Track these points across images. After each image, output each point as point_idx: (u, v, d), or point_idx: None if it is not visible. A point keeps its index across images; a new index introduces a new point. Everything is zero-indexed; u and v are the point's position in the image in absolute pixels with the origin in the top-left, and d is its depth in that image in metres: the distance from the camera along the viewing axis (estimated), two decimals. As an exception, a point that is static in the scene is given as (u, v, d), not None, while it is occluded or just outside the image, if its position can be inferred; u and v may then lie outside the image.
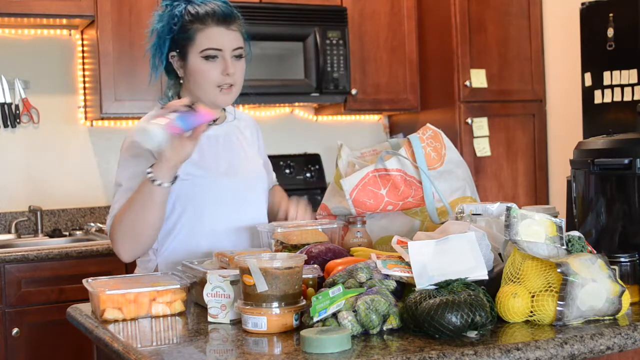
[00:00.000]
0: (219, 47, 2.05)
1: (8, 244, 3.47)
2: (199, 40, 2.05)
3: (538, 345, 1.33)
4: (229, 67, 2.05)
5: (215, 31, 2.05)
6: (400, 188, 2.02)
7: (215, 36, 2.05)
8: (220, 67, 2.06)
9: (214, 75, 2.06)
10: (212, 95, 2.08)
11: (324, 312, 1.41)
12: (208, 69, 2.05)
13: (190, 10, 2.05)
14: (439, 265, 1.50)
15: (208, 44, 2.04)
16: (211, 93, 2.08)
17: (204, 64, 2.05)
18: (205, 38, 2.04)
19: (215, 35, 2.05)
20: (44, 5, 3.46)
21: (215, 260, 1.86)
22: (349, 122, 4.50)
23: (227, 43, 2.06)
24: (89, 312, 1.75)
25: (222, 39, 2.06)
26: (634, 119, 3.38)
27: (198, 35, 2.05)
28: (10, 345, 3.14)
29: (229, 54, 2.07)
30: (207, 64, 2.05)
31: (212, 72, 2.06)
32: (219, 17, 2.05)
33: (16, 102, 3.75)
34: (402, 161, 2.03)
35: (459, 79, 4.03)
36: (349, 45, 4.00)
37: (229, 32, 2.07)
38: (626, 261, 1.63)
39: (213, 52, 2.05)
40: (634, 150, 1.70)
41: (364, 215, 2.03)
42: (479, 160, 4.08)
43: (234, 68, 2.06)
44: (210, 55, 2.05)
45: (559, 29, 4.15)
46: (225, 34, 2.06)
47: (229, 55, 2.06)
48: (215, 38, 2.05)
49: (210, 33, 2.05)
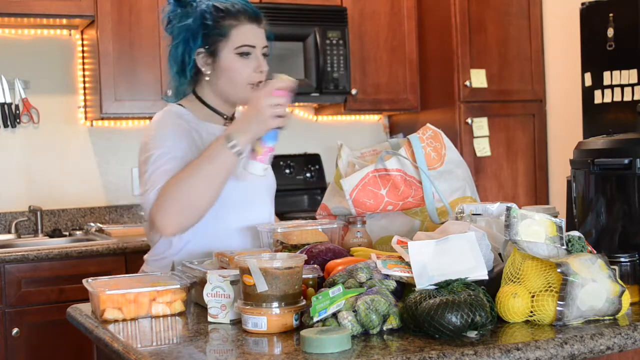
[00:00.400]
0: (253, 44, 2.06)
1: (8, 244, 3.47)
2: (234, 36, 2.04)
3: (538, 345, 1.33)
4: (262, 65, 2.07)
5: (249, 28, 2.06)
6: (400, 188, 2.02)
7: (249, 33, 2.06)
8: (254, 65, 2.06)
9: (248, 72, 2.06)
10: (243, 92, 2.07)
11: (324, 312, 1.41)
12: (242, 66, 2.05)
13: (220, 7, 2.05)
14: (439, 265, 1.50)
15: (243, 41, 2.05)
16: (243, 90, 2.07)
17: (237, 60, 2.05)
18: (241, 34, 2.05)
19: (249, 32, 2.06)
20: (44, 5, 3.46)
21: (215, 260, 1.86)
22: (349, 122, 4.50)
23: (259, 40, 2.08)
24: (89, 312, 1.75)
25: (255, 36, 2.07)
26: (634, 119, 3.38)
27: (232, 31, 2.04)
28: (10, 345, 3.14)
29: (260, 51, 2.08)
30: (241, 60, 2.05)
31: (245, 69, 2.06)
32: (250, 14, 2.06)
33: (16, 102, 3.75)
34: (402, 161, 2.03)
35: (459, 79, 4.03)
36: (349, 45, 4.00)
37: (260, 29, 2.09)
38: (626, 261, 1.63)
39: (247, 49, 2.05)
40: (634, 150, 1.70)
41: (364, 215, 2.03)
42: (479, 160, 4.08)
43: (264, 66, 2.08)
44: (245, 52, 2.05)
45: (559, 29, 4.15)
46: (257, 31, 2.08)
47: (260, 53, 2.08)
48: (249, 35, 2.06)
49: (244, 30, 2.05)
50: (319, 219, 2.17)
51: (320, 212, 2.19)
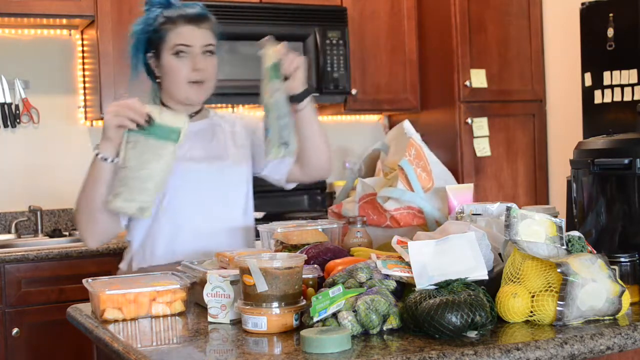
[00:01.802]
0: (188, 43, 2.13)
1: (8, 244, 3.47)
2: (170, 38, 2.14)
3: (538, 345, 1.33)
4: (197, 62, 2.13)
5: (184, 29, 2.14)
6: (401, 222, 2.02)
7: (184, 33, 2.13)
8: (191, 64, 2.13)
9: (185, 71, 2.14)
10: (183, 91, 2.16)
11: (324, 312, 1.41)
12: (178, 65, 2.14)
13: (165, 14, 2.15)
14: (439, 265, 1.50)
15: (178, 41, 2.13)
16: (182, 89, 2.15)
17: (175, 60, 2.14)
18: (175, 35, 2.13)
19: (184, 33, 2.13)
20: (44, 5, 3.46)
21: (215, 260, 1.86)
22: (349, 122, 4.50)
23: (196, 40, 2.14)
24: (89, 312, 1.75)
25: (192, 36, 2.14)
26: (634, 119, 3.38)
27: (169, 34, 2.14)
28: (10, 345, 3.14)
29: (199, 50, 2.14)
30: (178, 60, 2.14)
31: (182, 69, 2.14)
32: (189, 17, 2.15)
33: (16, 102, 3.75)
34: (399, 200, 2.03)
35: (459, 79, 4.03)
36: (349, 45, 4.00)
37: (199, 30, 2.15)
38: (626, 261, 1.63)
39: (183, 47, 2.13)
40: (634, 150, 1.70)
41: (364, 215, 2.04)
42: (479, 160, 4.08)
43: (203, 64, 2.14)
44: (180, 51, 2.13)
45: (559, 29, 4.15)
46: (195, 31, 2.14)
47: (198, 52, 2.14)
48: (185, 35, 2.13)
49: (180, 31, 2.14)
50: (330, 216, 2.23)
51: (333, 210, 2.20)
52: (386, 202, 2.03)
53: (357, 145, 4.44)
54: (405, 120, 2.27)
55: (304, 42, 3.91)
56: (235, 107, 4.12)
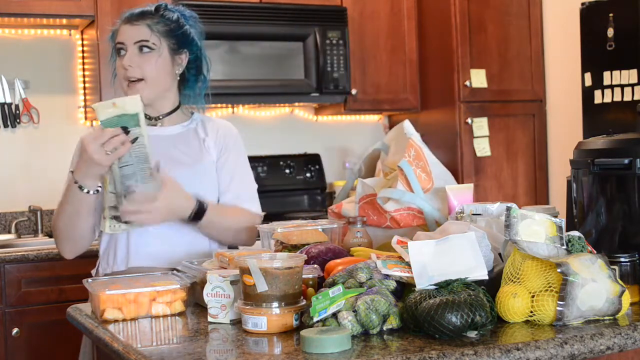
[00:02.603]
0: (121, 40, 2.17)
1: (8, 244, 3.47)
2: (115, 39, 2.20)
3: (538, 345, 1.33)
4: (124, 59, 2.14)
5: (122, 28, 2.18)
6: (401, 223, 2.02)
7: (120, 32, 2.18)
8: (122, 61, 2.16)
9: (121, 70, 2.16)
10: (123, 89, 2.18)
11: (324, 312, 1.41)
12: (118, 64, 2.18)
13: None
14: (439, 265, 1.50)
15: (116, 41, 2.19)
16: (123, 88, 2.18)
17: (118, 61, 2.18)
18: (117, 36, 2.19)
19: (121, 32, 2.18)
20: (44, 5, 3.46)
21: (215, 260, 1.86)
22: (349, 122, 4.50)
23: (128, 37, 2.16)
24: (89, 312, 1.75)
25: (125, 34, 2.16)
26: (634, 119, 3.38)
27: (115, 35, 2.20)
28: (10, 345, 3.14)
29: (131, 47, 2.15)
30: (118, 59, 2.17)
31: (120, 67, 2.17)
32: (127, 16, 2.18)
33: (16, 102, 3.75)
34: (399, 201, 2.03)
35: (459, 79, 4.03)
36: (349, 45, 4.00)
37: (132, 27, 2.16)
38: (626, 261, 1.63)
39: (119, 46, 2.16)
40: (634, 150, 1.70)
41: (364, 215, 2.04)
42: (479, 160, 4.08)
43: (131, 61, 2.13)
44: (117, 48, 2.17)
45: (559, 29, 4.15)
46: (128, 29, 2.16)
47: (131, 49, 2.15)
48: (121, 34, 2.18)
49: (119, 31, 2.18)
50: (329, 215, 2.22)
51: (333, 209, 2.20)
52: (386, 202, 2.03)
53: (357, 145, 4.44)
54: (405, 120, 2.27)
55: (304, 42, 3.91)
56: (235, 107, 4.12)
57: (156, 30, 2.15)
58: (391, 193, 2.01)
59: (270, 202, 3.88)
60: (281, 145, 4.30)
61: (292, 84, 3.90)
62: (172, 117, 2.24)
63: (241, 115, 4.20)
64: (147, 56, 2.13)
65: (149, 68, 2.13)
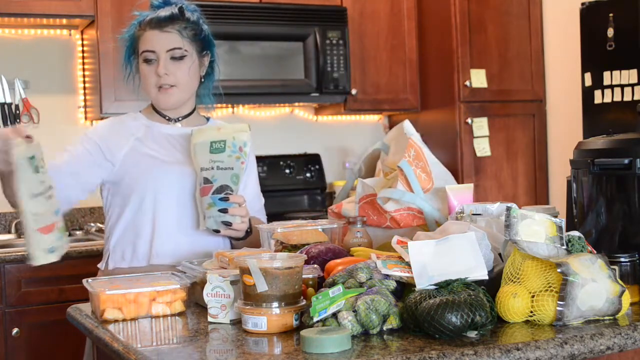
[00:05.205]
0: (152, 49, 2.15)
1: (8, 244, 3.47)
2: (139, 45, 2.18)
3: (538, 345, 1.33)
4: (160, 68, 2.13)
5: (149, 34, 2.15)
6: (401, 223, 2.02)
7: (149, 39, 2.15)
8: (156, 69, 2.15)
9: (152, 77, 2.16)
10: (153, 96, 2.20)
11: (324, 312, 1.41)
12: (147, 71, 2.17)
13: (139, 20, 2.19)
14: (439, 265, 1.50)
15: (144, 47, 2.16)
16: (152, 94, 2.19)
17: (144, 67, 2.17)
18: (142, 42, 2.17)
19: (149, 38, 2.15)
20: (44, 5, 3.46)
21: (215, 260, 1.86)
22: (349, 122, 4.50)
23: (159, 45, 2.14)
24: (89, 312, 1.75)
25: (155, 41, 2.15)
26: (634, 119, 3.38)
27: (139, 41, 2.17)
28: (10, 345, 3.14)
29: (164, 55, 2.14)
30: (147, 66, 2.17)
31: (150, 74, 2.16)
32: (155, 21, 2.15)
33: (16, 102, 3.75)
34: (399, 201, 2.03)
35: (459, 79, 4.03)
36: (349, 45, 4.00)
37: (163, 33, 2.15)
38: (626, 261, 1.63)
39: (148, 54, 2.15)
40: (634, 150, 1.71)
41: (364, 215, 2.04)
42: (479, 160, 4.08)
43: (166, 69, 2.14)
44: (147, 58, 2.15)
45: (559, 29, 4.15)
46: (159, 36, 2.15)
47: (163, 57, 2.14)
48: (150, 41, 2.15)
49: (146, 37, 2.16)
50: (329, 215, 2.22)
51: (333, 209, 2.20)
52: (386, 203, 2.03)
53: (357, 145, 4.44)
54: (405, 120, 2.27)
55: (304, 42, 3.91)
56: (235, 107, 4.12)
57: (186, 35, 2.17)
58: (391, 193, 2.01)
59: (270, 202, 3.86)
60: (281, 145, 4.30)
61: (292, 84, 3.90)
62: (190, 119, 2.28)
63: (241, 115, 4.20)
64: (180, 63, 2.16)
65: (182, 74, 2.16)
